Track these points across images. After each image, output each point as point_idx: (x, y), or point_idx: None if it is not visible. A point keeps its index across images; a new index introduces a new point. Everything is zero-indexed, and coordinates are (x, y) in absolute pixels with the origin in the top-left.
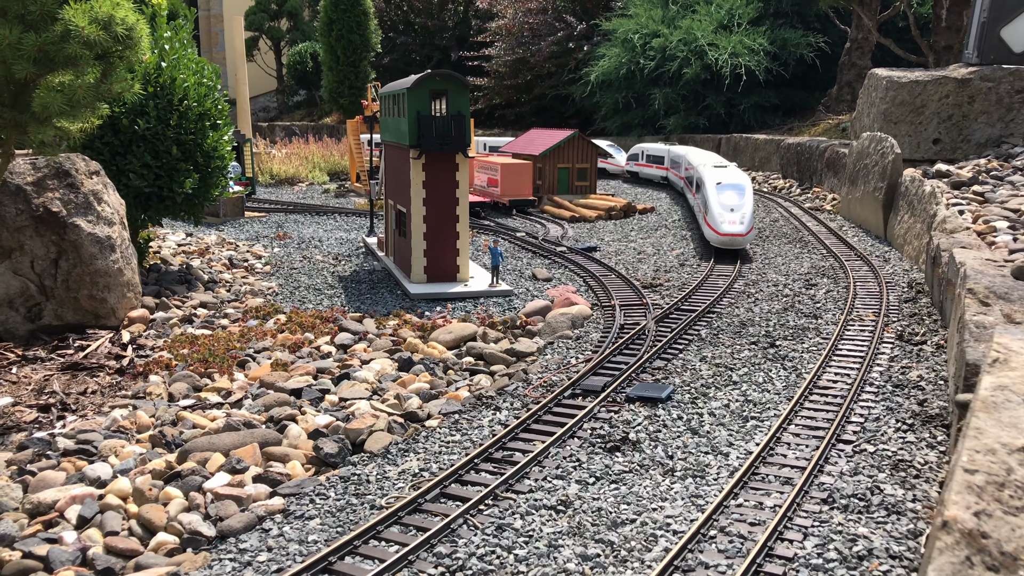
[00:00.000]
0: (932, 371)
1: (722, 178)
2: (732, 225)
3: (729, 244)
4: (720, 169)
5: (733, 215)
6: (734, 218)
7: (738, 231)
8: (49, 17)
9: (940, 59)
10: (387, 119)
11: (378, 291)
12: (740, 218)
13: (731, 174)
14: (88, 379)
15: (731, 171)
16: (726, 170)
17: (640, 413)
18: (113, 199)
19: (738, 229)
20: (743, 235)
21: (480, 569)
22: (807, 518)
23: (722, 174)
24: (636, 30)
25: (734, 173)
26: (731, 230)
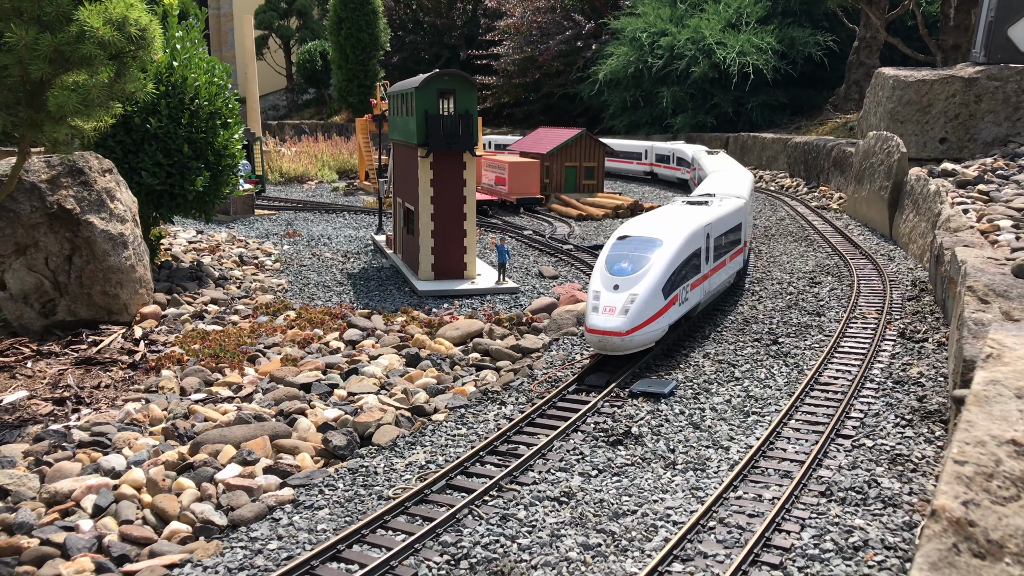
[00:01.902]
0: (932, 368)
1: (636, 228)
2: (606, 316)
3: (600, 347)
4: (686, 206)
5: (614, 297)
6: (614, 301)
7: (614, 325)
8: (64, 18)
9: (948, 58)
10: (395, 118)
11: (386, 288)
12: (627, 301)
13: (680, 215)
14: (102, 373)
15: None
16: (674, 209)
17: (643, 408)
18: (125, 197)
19: (614, 323)
20: (623, 333)
21: (484, 557)
22: (805, 510)
23: (642, 225)
24: (644, 29)
25: (684, 213)
26: (602, 322)
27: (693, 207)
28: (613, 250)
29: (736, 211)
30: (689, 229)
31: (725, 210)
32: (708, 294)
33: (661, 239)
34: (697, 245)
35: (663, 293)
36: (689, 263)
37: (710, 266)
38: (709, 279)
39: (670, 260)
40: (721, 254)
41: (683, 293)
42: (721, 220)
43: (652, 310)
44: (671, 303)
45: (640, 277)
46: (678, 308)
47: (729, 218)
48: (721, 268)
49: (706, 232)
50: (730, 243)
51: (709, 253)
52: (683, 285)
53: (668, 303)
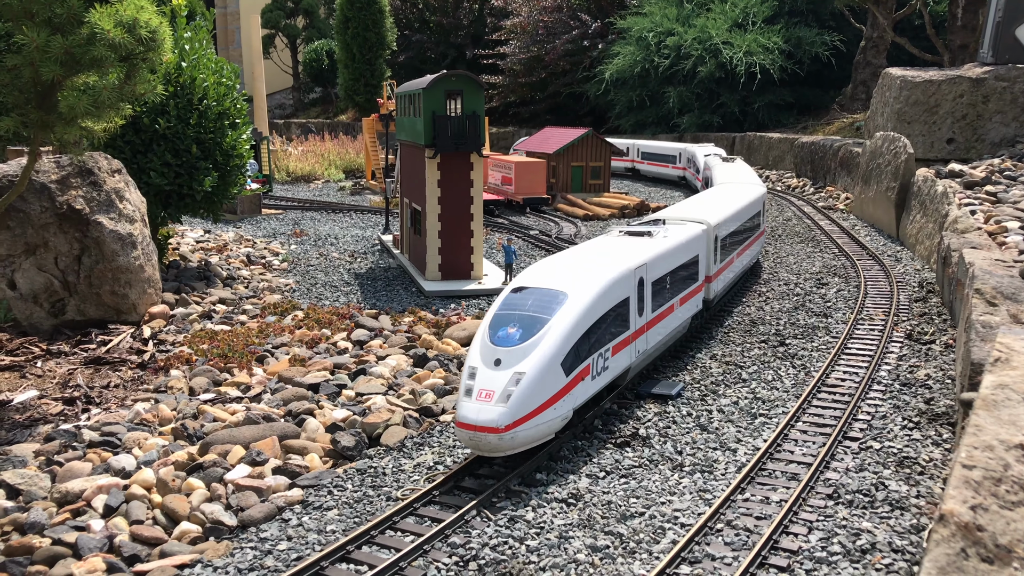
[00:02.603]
0: (940, 370)
1: (538, 276)
2: (480, 405)
3: (473, 446)
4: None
5: (494, 376)
6: (493, 382)
7: (488, 418)
8: (75, 20)
9: (956, 58)
10: (403, 118)
11: (393, 288)
12: (510, 383)
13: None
14: (111, 373)
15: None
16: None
17: (650, 409)
18: (134, 197)
19: (489, 414)
20: (502, 429)
21: (492, 559)
22: (812, 513)
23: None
24: (651, 28)
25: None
26: (474, 413)
27: (628, 241)
28: (502, 308)
29: (690, 241)
30: (608, 276)
31: (672, 243)
32: (644, 353)
33: (566, 292)
34: (622, 294)
35: (564, 367)
36: (608, 320)
37: (647, 317)
38: (645, 334)
39: (576, 320)
40: (668, 297)
41: (599, 362)
42: (665, 256)
43: (546, 393)
44: (578, 379)
45: (531, 347)
46: (589, 384)
47: (678, 252)
48: (667, 315)
49: (638, 276)
50: (682, 280)
51: (645, 301)
52: (599, 351)
53: (573, 380)
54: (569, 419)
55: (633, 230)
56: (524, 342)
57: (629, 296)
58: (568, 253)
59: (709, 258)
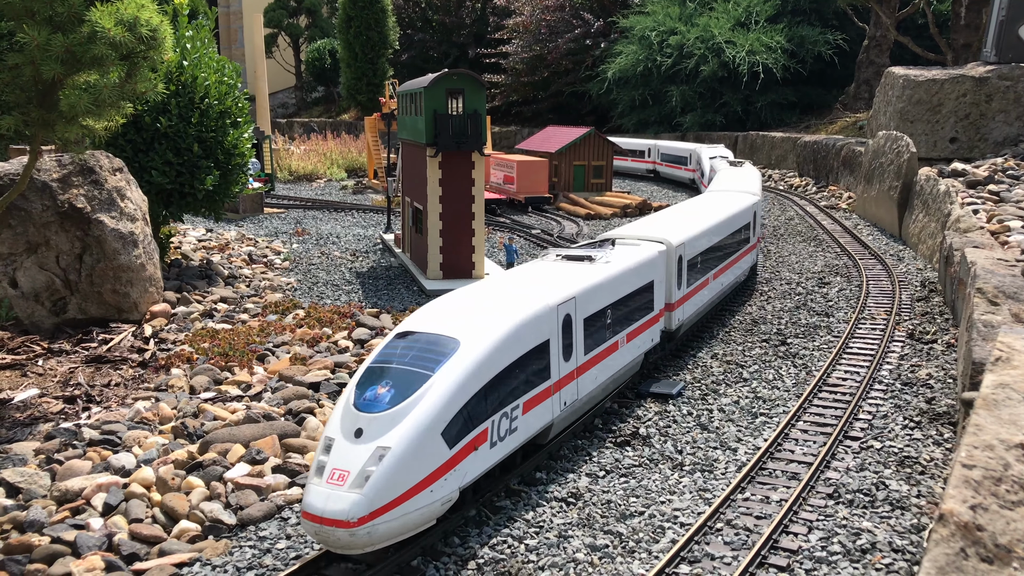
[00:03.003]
0: (941, 369)
1: (429, 317)
2: (331, 489)
3: (320, 540)
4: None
5: (351, 451)
6: (349, 459)
7: (337, 509)
8: (76, 19)
9: (959, 57)
10: (404, 117)
11: (395, 287)
12: (370, 461)
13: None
14: (112, 372)
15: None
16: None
17: (651, 409)
18: (136, 195)
19: (339, 504)
20: (353, 524)
21: (491, 558)
22: (812, 512)
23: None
24: (653, 27)
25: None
26: (321, 501)
27: (561, 268)
28: (377, 359)
29: (642, 265)
30: (517, 317)
31: (616, 269)
32: (574, 404)
33: (457, 338)
34: (539, 337)
35: (447, 437)
36: (518, 371)
37: (577, 361)
38: (575, 382)
39: (467, 376)
40: (608, 334)
41: (501, 424)
42: (604, 286)
43: (419, 472)
44: (468, 449)
45: (403, 413)
46: (486, 453)
47: (625, 279)
48: (608, 355)
49: (563, 313)
50: (631, 312)
51: (574, 342)
52: (503, 410)
53: (460, 451)
54: (455, 501)
55: (572, 254)
56: (395, 406)
57: (549, 338)
58: (480, 286)
59: (670, 283)
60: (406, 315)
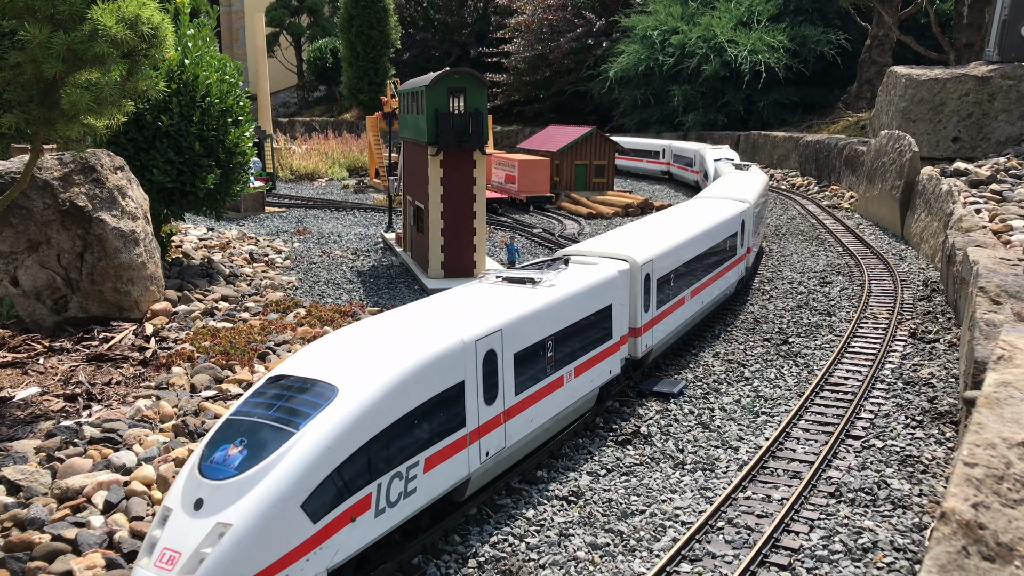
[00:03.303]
0: (943, 368)
1: (308, 360)
2: (158, 574)
3: None
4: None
5: (186, 527)
6: (180, 538)
7: None
8: (77, 17)
9: (961, 56)
10: (406, 116)
11: (396, 286)
12: (206, 541)
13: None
14: (113, 370)
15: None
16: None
17: (652, 407)
18: (137, 194)
19: None
20: None
21: (492, 556)
22: (814, 511)
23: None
24: (655, 27)
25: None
26: None
27: (495, 293)
28: (238, 410)
29: (598, 287)
30: (416, 358)
31: (563, 293)
32: (502, 453)
33: (335, 385)
34: (448, 379)
35: (309, 509)
36: (418, 422)
37: (504, 403)
38: (503, 427)
39: (343, 431)
40: (550, 369)
41: (392, 486)
42: (544, 315)
43: (268, 554)
44: (341, 521)
45: (254, 480)
46: (368, 524)
47: (574, 304)
48: (550, 393)
49: (485, 349)
50: (582, 341)
51: (501, 381)
52: (396, 469)
53: (330, 525)
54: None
55: (513, 276)
56: (244, 471)
57: (464, 380)
58: (388, 316)
59: (635, 305)
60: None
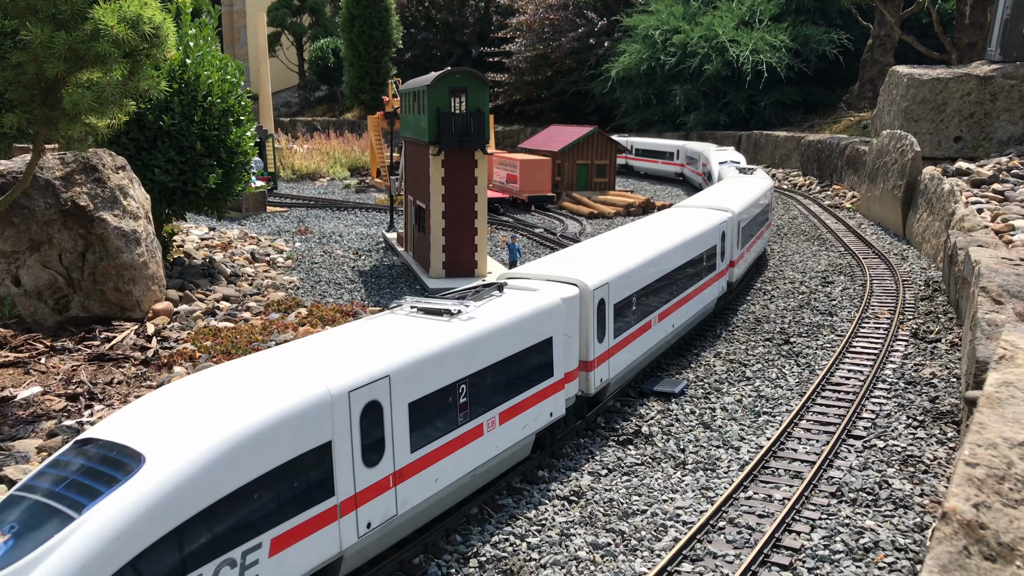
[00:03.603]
0: (945, 368)
1: (126, 422)
2: None
3: None
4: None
5: None
6: None
7: None
8: (79, 16)
9: (963, 56)
10: (407, 115)
11: (397, 286)
12: None
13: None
14: (114, 369)
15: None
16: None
17: (653, 407)
18: (138, 194)
19: None
20: None
21: (493, 556)
22: (815, 511)
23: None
24: (657, 26)
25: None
26: None
27: (404, 327)
28: (27, 483)
29: (533, 318)
30: (261, 415)
31: (488, 326)
32: (385, 527)
33: (143, 453)
34: (308, 441)
35: None
36: (261, 494)
37: (397, 463)
38: (394, 490)
39: (145, 514)
40: (462, 418)
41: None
42: (454, 355)
43: None
44: None
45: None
46: None
47: (502, 339)
48: (465, 445)
49: (365, 400)
50: (514, 381)
51: (391, 439)
52: (226, 556)
53: None
54: None
55: (431, 306)
56: (3, 568)
57: (332, 440)
58: (245, 362)
59: (587, 335)
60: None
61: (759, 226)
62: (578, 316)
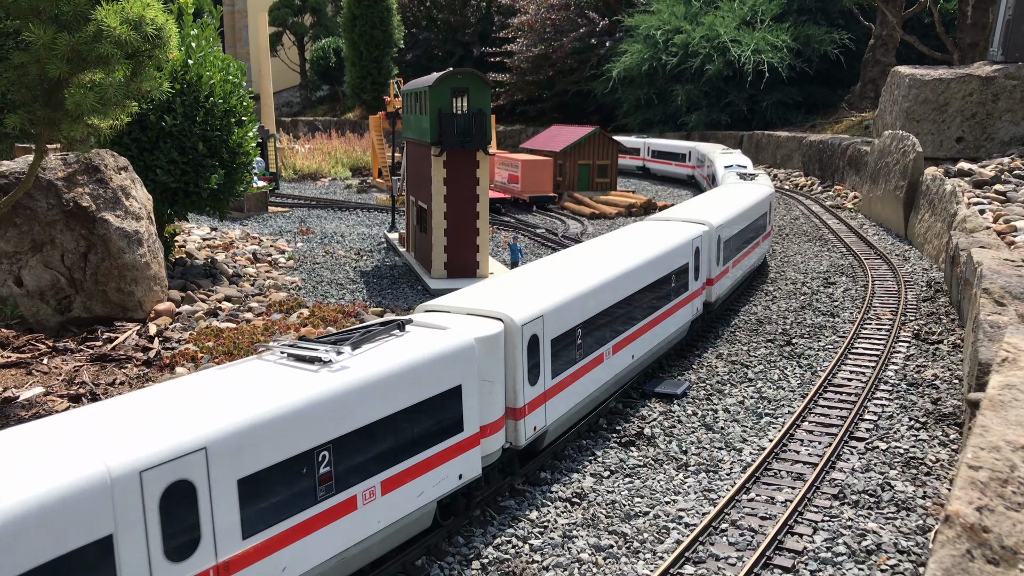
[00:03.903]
0: (947, 370)
1: None
2: None
3: None
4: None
5: None
6: None
7: None
8: (82, 17)
9: (965, 56)
10: (409, 116)
11: (399, 286)
12: None
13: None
14: (116, 370)
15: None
16: None
17: (655, 409)
18: (141, 194)
19: None
20: None
21: (496, 558)
22: (817, 513)
23: None
24: (658, 26)
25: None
26: None
27: (256, 377)
28: None
29: (435, 362)
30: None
31: (356, 379)
32: None
33: None
34: (83, 533)
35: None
36: None
37: (215, 556)
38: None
39: None
40: (325, 491)
41: None
42: (309, 417)
43: None
44: None
45: None
46: None
47: (389, 391)
48: (322, 526)
49: (169, 481)
50: (405, 444)
51: (210, 528)
52: None
53: None
54: None
55: (303, 352)
56: None
57: (115, 533)
58: (20, 431)
59: (515, 378)
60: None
61: (752, 237)
62: (503, 357)
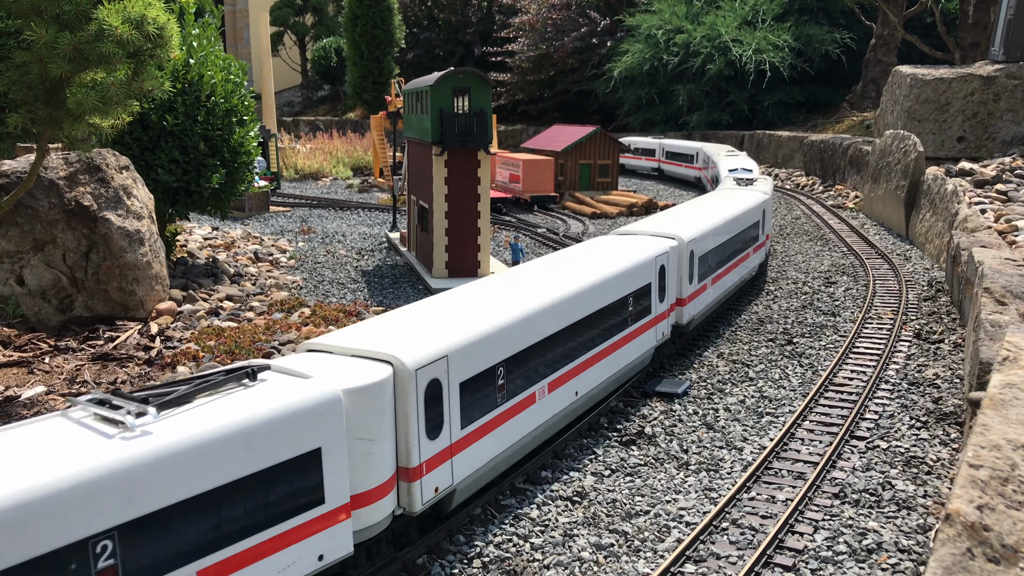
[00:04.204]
0: (948, 369)
1: None
2: None
3: None
4: None
5: None
6: None
7: None
8: (83, 16)
9: (967, 56)
10: (410, 115)
11: (400, 285)
12: None
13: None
14: (118, 369)
15: None
16: None
17: (656, 408)
18: (142, 193)
19: None
20: None
21: (497, 556)
22: (818, 512)
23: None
24: (660, 26)
25: None
26: None
27: (38, 445)
28: None
29: (286, 422)
30: None
31: (160, 448)
32: None
33: None
34: None
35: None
36: None
37: None
38: None
39: None
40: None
41: None
42: (85, 499)
43: None
44: None
45: None
46: None
47: (192, 467)
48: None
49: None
50: (240, 530)
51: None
52: None
53: None
54: None
55: (106, 413)
56: None
57: None
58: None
59: (408, 432)
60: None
61: (739, 250)
62: (391, 408)
